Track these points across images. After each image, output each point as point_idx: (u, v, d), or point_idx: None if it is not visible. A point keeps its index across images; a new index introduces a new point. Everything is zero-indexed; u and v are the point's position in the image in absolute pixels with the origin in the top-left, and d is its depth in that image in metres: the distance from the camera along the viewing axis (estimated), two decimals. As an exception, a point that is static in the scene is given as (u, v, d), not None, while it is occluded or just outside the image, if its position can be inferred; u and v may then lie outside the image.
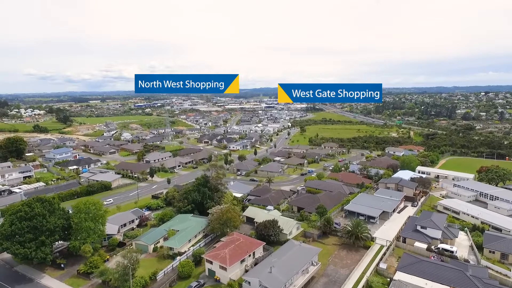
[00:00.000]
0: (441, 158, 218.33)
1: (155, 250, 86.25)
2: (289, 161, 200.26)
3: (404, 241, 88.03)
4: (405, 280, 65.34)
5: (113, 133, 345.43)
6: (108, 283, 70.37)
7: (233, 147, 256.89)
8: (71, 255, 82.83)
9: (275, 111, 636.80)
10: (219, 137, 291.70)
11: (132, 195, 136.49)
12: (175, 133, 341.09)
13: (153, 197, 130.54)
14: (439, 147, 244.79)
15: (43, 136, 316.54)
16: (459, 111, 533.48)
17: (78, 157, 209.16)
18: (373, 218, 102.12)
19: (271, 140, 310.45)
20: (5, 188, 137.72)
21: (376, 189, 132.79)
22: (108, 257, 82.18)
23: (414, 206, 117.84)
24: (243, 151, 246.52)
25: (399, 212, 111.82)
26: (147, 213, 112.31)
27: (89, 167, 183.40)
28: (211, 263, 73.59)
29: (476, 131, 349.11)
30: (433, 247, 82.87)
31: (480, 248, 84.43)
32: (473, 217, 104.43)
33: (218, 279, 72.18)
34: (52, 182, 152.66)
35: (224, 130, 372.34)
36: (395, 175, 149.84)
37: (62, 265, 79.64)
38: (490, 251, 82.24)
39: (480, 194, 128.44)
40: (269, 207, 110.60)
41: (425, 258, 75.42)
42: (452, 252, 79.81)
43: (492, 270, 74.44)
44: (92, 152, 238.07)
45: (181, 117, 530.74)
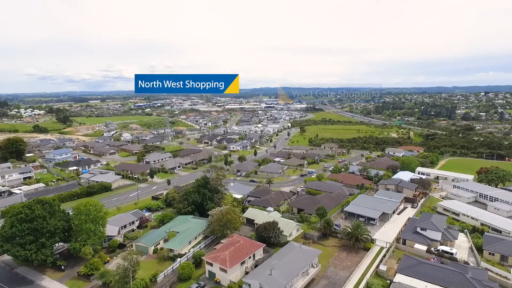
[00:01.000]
0: (441, 159, 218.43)
1: (155, 251, 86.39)
2: (289, 162, 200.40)
3: (404, 243, 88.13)
4: (405, 282, 65.46)
5: (113, 134, 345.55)
6: (108, 285, 70.45)
7: (233, 148, 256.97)
8: (72, 257, 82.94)
9: (275, 111, 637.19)
10: (219, 138, 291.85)
11: (132, 196, 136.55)
12: (175, 133, 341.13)
13: (153, 198, 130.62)
14: (439, 148, 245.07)
15: (43, 136, 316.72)
16: (459, 111, 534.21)
17: (78, 158, 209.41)
18: (373, 219, 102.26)
19: (271, 140, 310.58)
20: (5, 189, 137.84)
21: (376, 190, 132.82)
22: (108, 259, 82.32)
23: (414, 207, 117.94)
24: (243, 151, 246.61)
25: (399, 213, 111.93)
26: (147, 215, 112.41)
27: (89, 168, 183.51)
28: (211, 265, 73.73)
29: (476, 131, 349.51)
30: (433, 249, 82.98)
31: (480, 250, 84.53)
32: (473, 219, 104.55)
33: (218, 281, 72.31)
34: (52, 183, 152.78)
35: (224, 130, 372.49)
36: (395, 176, 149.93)
37: (62, 267, 79.77)
38: (489, 253, 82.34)
39: (479, 195, 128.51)
40: (269, 209, 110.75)
41: (425, 260, 75.52)
42: (452, 254, 79.91)
43: (491, 272, 74.47)
44: (92, 152, 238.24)
45: (181, 117, 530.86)
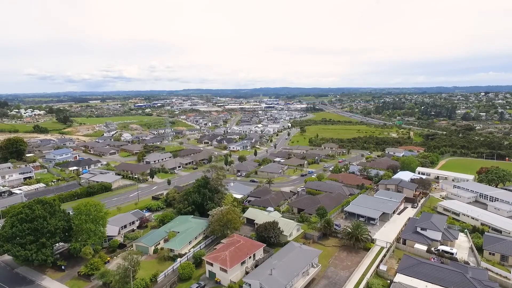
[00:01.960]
0: (441, 158, 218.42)
1: (155, 251, 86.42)
2: (289, 162, 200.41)
3: (404, 243, 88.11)
4: (405, 282, 65.43)
5: (113, 134, 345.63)
6: (108, 285, 70.45)
7: (233, 148, 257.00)
8: (72, 257, 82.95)
9: (275, 111, 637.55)
10: (219, 138, 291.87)
11: (132, 196, 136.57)
12: (175, 133, 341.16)
13: (154, 198, 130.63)
14: (439, 148, 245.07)
15: (43, 136, 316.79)
16: (459, 111, 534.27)
17: (78, 158, 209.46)
18: (373, 219, 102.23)
19: (271, 140, 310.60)
20: (5, 189, 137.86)
21: (376, 190, 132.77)
22: (108, 259, 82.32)
23: (414, 207, 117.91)
24: (243, 151, 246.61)
25: (399, 213, 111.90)
26: (148, 215, 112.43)
27: (89, 168, 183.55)
28: (212, 265, 73.73)
29: (476, 131, 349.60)
30: (433, 249, 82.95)
31: (480, 249, 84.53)
32: (473, 219, 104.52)
33: (218, 281, 72.31)
34: (52, 183, 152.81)
35: (224, 130, 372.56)
36: (395, 176, 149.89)
37: (62, 267, 79.78)
38: (490, 253, 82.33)
39: (480, 195, 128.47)
40: (270, 209, 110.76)
41: (425, 260, 75.48)
42: (452, 254, 79.89)
43: (492, 272, 74.45)
44: (92, 152, 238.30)
45: (181, 117, 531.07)
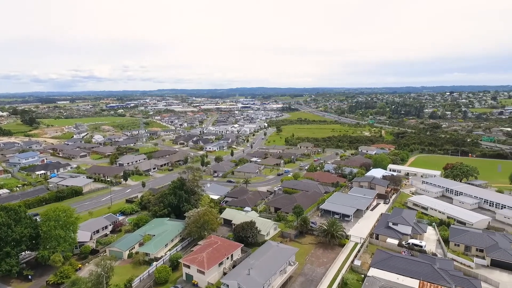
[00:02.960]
0: (410, 156, 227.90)
1: (130, 256, 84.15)
2: (266, 161, 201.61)
3: (377, 238, 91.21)
4: (378, 275, 67.73)
5: (83, 136, 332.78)
6: (80, 293, 67.78)
7: (210, 148, 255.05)
8: (40, 266, 79.11)
9: (251, 111, 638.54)
10: (195, 138, 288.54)
11: (104, 200, 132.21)
12: (149, 134, 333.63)
13: (128, 202, 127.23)
14: (409, 146, 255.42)
15: (6, 139, 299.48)
16: (427, 110, 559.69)
17: (46, 162, 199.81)
18: (348, 216, 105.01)
19: (248, 140, 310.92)
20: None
21: (350, 188, 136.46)
22: (80, 266, 79.27)
23: (386, 203, 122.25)
24: (219, 152, 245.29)
25: (372, 209, 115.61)
26: (121, 218, 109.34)
27: (58, 172, 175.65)
28: (189, 267, 72.83)
29: (442, 129, 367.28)
30: (404, 243, 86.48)
31: (446, 241, 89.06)
32: (440, 212, 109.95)
33: (196, 283, 71.52)
34: (17, 188, 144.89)
35: (200, 131, 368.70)
36: (368, 174, 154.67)
37: (29, 277, 75.83)
38: (455, 244, 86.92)
39: (446, 190, 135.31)
40: (247, 209, 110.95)
41: (396, 253, 78.50)
42: (421, 246, 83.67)
43: (457, 262, 78.76)
44: (61, 155, 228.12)
45: (156, 118, 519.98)
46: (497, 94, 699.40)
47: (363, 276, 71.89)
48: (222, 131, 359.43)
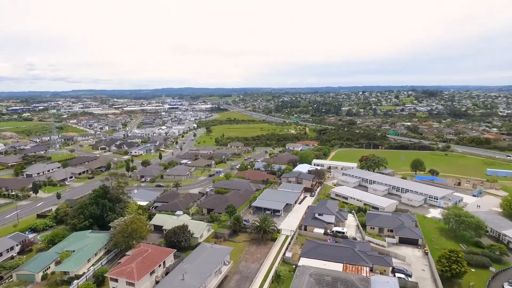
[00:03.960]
0: (331, 150, 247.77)
1: (44, 278, 74.58)
2: (197, 163, 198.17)
3: (305, 229, 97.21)
4: (308, 264, 72.22)
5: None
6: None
7: (135, 152, 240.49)
8: None
9: (180, 112, 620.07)
10: (119, 142, 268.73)
11: (9, 217, 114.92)
12: (63, 140, 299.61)
13: (39, 216, 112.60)
14: (330, 141, 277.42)
15: None
16: (344, 108, 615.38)
17: None
18: (278, 211, 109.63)
19: (177, 142, 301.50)
20: None
21: (279, 184, 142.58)
22: (-21, 297, 67.55)
23: (312, 196, 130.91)
24: (146, 155, 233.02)
25: (300, 203, 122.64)
26: (32, 236, 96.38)
27: None
28: (116, 280, 67.58)
29: (357, 125, 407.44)
30: (328, 231, 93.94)
31: (364, 226, 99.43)
32: (358, 200, 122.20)
33: (125, 297, 66.81)
34: None
35: (124, 134, 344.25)
36: (295, 169, 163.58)
37: None
38: (371, 227, 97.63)
39: (362, 180, 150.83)
40: (178, 212, 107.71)
41: (323, 241, 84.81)
42: (343, 233, 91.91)
43: (373, 243, 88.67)
44: None
45: (71, 121, 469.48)
46: (399, 93, 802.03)
47: (294, 266, 75.76)
48: (148, 134, 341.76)
